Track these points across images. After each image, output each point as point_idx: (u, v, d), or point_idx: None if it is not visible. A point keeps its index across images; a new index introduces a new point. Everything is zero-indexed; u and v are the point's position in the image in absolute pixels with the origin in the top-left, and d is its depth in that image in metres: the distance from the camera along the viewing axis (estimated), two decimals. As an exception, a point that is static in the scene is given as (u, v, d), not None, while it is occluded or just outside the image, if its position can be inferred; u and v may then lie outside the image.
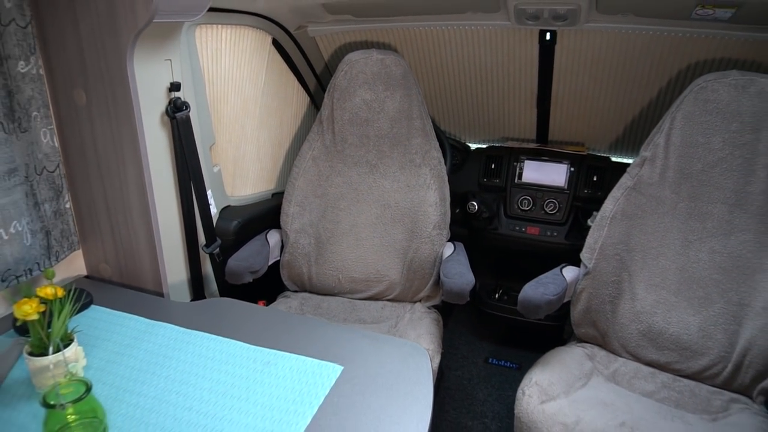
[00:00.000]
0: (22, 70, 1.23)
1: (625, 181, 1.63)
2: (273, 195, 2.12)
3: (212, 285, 1.75)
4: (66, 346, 1.05)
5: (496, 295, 2.30)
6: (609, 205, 1.63)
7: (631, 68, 1.87)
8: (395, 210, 1.85)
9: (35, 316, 0.99)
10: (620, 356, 1.62)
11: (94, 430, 0.93)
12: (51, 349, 1.00)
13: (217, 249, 1.70)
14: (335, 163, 1.90)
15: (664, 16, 1.62)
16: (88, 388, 0.90)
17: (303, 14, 1.95)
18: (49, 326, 1.04)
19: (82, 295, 1.32)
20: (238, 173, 1.95)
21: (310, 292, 1.93)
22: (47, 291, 1.02)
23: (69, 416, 0.89)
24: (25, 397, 1.05)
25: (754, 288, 1.44)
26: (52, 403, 0.87)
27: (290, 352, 1.19)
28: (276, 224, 1.93)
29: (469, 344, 2.43)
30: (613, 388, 1.49)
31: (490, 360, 2.32)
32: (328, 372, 1.12)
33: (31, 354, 1.03)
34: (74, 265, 1.54)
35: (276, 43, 1.98)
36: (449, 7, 1.80)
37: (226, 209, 1.88)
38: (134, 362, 1.17)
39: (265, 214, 1.97)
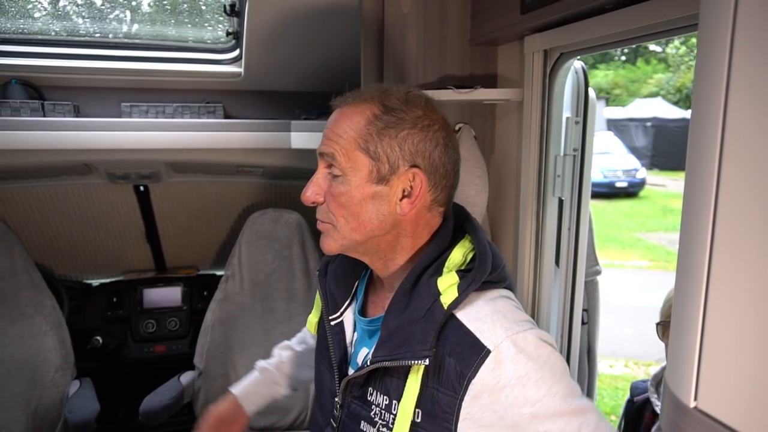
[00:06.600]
0: None
1: (217, 295, 2.13)
2: None
3: None
4: None
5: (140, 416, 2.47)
6: (209, 316, 2.10)
7: (216, 206, 2.45)
8: (10, 364, 1.90)
9: None
10: (239, 432, 2.05)
11: None
12: None
13: None
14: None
15: (222, 173, 2.25)
16: None
17: None
18: None
19: None
20: None
21: None
22: None
23: None
24: None
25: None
26: None
27: None
28: None
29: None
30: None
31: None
32: None
33: None
34: None
35: None
36: (44, 173, 2.05)
37: None
38: None
39: None
